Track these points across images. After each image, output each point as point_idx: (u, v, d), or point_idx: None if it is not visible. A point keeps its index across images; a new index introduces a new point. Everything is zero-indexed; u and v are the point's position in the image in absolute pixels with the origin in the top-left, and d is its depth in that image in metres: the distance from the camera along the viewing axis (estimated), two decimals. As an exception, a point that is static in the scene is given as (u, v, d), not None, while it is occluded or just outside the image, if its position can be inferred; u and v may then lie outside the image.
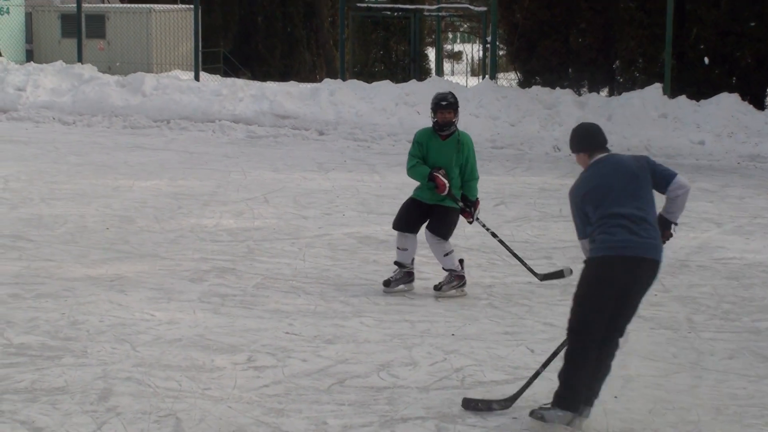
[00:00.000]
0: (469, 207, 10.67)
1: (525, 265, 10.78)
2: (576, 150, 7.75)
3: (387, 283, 10.81)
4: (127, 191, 15.29)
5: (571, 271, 10.80)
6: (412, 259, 10.86)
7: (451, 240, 10.53)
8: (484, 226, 10.91)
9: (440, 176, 10.37)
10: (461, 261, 10.79)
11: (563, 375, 7.09)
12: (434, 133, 10.73)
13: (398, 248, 10.89)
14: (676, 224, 7.63)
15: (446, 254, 10.68)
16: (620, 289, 7.05)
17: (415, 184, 10.70)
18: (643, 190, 7.21)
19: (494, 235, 10.97)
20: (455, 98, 10.77)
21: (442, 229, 10.63)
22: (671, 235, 7.64)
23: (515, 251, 10.90)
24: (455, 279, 10.72)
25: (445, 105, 10.63)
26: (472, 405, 7.57)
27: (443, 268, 10.76)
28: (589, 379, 7.07)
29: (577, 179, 7.54)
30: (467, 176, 10.73)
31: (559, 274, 10.91)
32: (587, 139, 7.76)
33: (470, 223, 10.85)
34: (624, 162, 7.51)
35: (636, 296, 7.11)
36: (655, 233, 7.12)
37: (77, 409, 7.36)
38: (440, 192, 10.40)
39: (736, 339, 9.24)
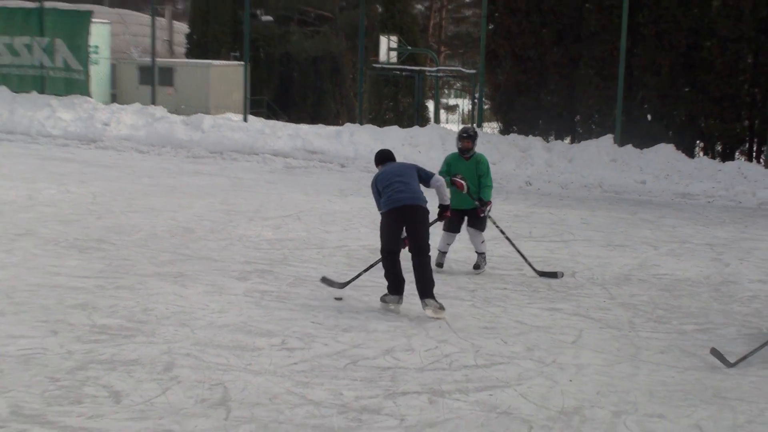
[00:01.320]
0: (483, 204, 11.83)
1: (525, 260, 11.92)
2: (377, 163, 10.70)
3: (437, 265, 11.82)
4: (189, 207, 15.36)
5: (562, 275, 11.66)
6: (446, 251, 12.22)
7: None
8: (494, 223, 12.20)
9: (458, 179, 11.67)
10: (485, 254, 12.15)
11: (387, 277, 9.87)
12: (460, 156, 12.10)
13: (444, 240, 12.17)
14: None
15: (482, 242, 12.10)
16: (402, 224, 9.87)
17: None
18: (406, 176, 10.09)
19: (502, 231, 12.25)
20: (474, 132, 12.36)
21: (479, 226, 12.00)
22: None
23: (518, 251, 12.06)
24: (483, 260, 12.09)
25: (465, 136, 12.11)
26: (326, 282, 10.60)
27: (476, 252, 12.14)
28: (399, 277, 9.82)
29: (375, 175, 10.40)
30: (482, 183, 11.91)
31: (553, 275, 11.64)
32: (381, 158, 10.68)
33: (480, 216, 11.92)
34: (397, 165, 10.45)
35: (419, 227, 9.86)
36: (418, 192, 10.03)
37: (147, 377, 7.43)
38: (460, 189, 11.66)
39: (666, 338, 9.28)
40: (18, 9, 29.42)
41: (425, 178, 10.21)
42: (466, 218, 12.03)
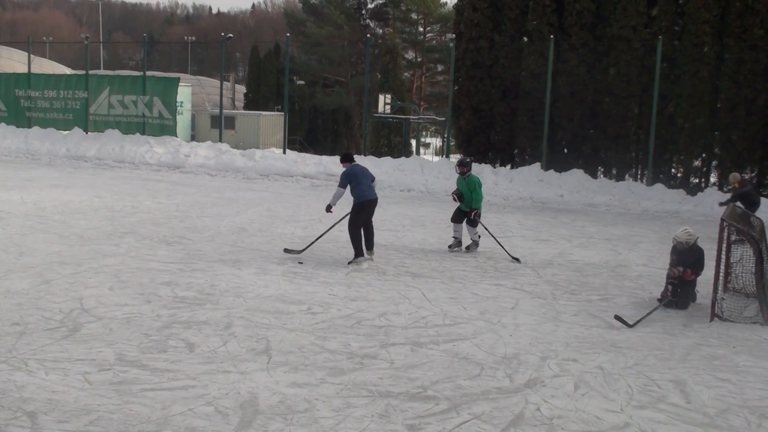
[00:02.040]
0: (471, 211, 12.29)
1: (503, 247, 12.24)
2: (344, 161, 11.30)
3: (450, 247, 12.46)
4: (244, 213, 15.27)
5: (520, 261, 11.74)
6: (460, 238, 12.48)
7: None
8: (477, 219, 12.39)
9: (454, 194, 12.54)
10: (478, 241, 12.50)
11: (356, 245, 10.80)
12: (460, 177, 12.49)
13: (453, 230, 12.54)
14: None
15: (475, 233, 12.43)
16: (367, 213, 11.01)
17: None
18: (369, 179, 11.06)
19: (486, 228, 12.72)
20: (468, 162, 12.60)
21: (472, 223, 12.35)
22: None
23: (493, 242, 12.38)
24: (474, 245, 12.44)
25: (459, 164, 12.54)
26: (290, 252, 11.43)
27: (471, 238, 12.46)
28: (361, 243, 10.85)
29: (347, 170, 11.03)
30: (473, 197, 12.27)
31: (517, 260, 11.85)
32: (348, 157, 11.36)
33: (470, 217, 12.30)
34: (362, 168, 11.11)
35: (373, 211, 11.14)
36: (373, 189, 11.08)
37: (212, 333, 7.37)
38: (456, 201, 12.51)
39: (578, 305, 9.22)
40: (128, 76, 29.67)
41: (372, 179, 11.22)
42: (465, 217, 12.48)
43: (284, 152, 25.18)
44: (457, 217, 12.51)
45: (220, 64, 29.49)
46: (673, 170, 22.69)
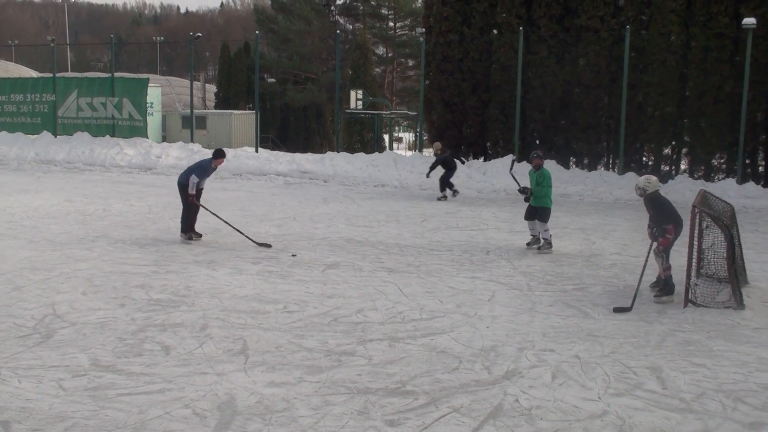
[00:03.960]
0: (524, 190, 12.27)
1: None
2: (217, 157, 12.12)
3: (528, 244, 12.30)
4: (218, 213, 15.17)
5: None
6: (537, 234, 12.17)
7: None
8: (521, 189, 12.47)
9: (525, 192, 12.28)
10: (549, 240, 12.08)
11: (182, 222, 11.96)
12: (531, 170, 12.23)
13: (529, 228, 12.37)
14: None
15: (546, 230, 12.06)
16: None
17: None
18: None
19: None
20: (539, 155, 12.18)
21: (543, 218, 12.00)
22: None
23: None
24: (547, 245, 12.01)
25: (534, 156, 12.18)
26: (261, 244, 11.78)
27: (542, 238, 12.06)
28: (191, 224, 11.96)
29: (200, 165, 12.02)
30: (542, 187, 12.03)
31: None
32: (219, 154, 12.13)
33: (520, 191, 12.42)
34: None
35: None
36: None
37: (188, 335, 7.32)
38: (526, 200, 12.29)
39: (553, 295, 9.26)
40: (96, 78, 29.39)
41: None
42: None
43: (257, 151, 25.04)
44: (529, 215, 12.31)
45: (189, 64, 29.27)
46: (644, 158, 22.87)
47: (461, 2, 23.63)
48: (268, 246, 11.84)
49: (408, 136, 57.25)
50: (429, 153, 26.65)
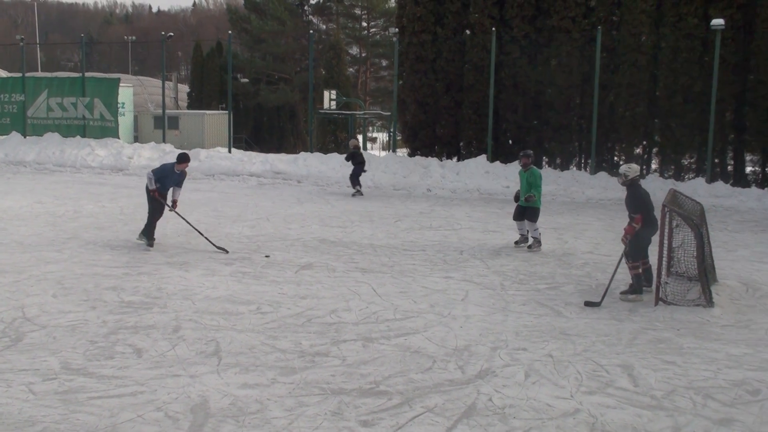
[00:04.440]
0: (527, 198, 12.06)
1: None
2: (180, 162, 11.57)
3: (516, 243, 12.45)
4: (190, 214, 14.97)
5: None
6: (525, 233, 12.32)
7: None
8: (535, 204, 12.17)
9: (517, 193, 12.38)
10: (539, 238, 12.24)
11: (147, 228, 11.64)
12: (521, 170, 12.26)
13: (518, 228, 12.47)
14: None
15: (535, 229, 12.21)
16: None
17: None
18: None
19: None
20: (530, 153, 12.19)
21: (532, 218, 12.12)
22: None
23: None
24: (537, 243, 12.16)
25: (522, 156, 12.22)
26: (219, 248, 11.53)
27: (531, 236, 12.23)
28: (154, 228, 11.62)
29: (161, 167, 11.72)
30: (532, 188, 12.02)
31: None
32: (182, 158, 11.64)
33: (526, 200, 12.08)
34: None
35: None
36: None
37: (161, 337, 7.26)
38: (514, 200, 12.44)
39: (526, 294, 9.31)
40: (67, 78, 28.98)
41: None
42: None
43: (230, 151, 24.92)
44: (518, 215, 12.42)
45: (161, 64, 29.04)
46: (615, 158, 23.08)
47: (434, 2, 23.69)
48: (225, 251, 11.54)
49: (382, 137, 57.27)
50: (403, 153, 26.72)
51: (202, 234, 12.19)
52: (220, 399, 5.79)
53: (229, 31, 30.52)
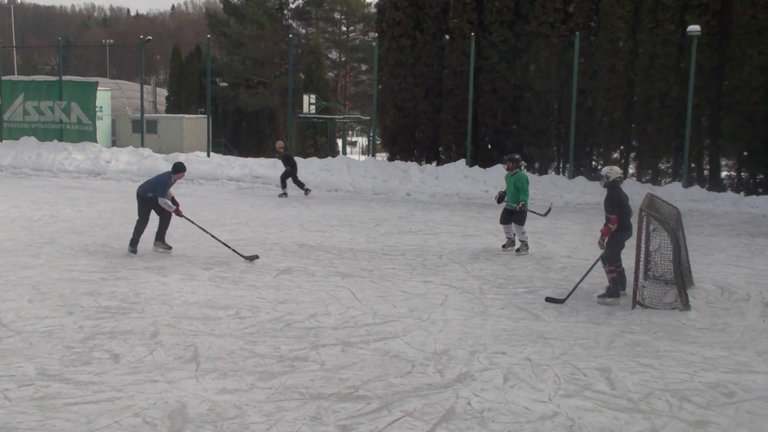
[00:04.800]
0: (517, 204, 12.09)
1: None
2: (176, 171, 11.49)
3: (504, 246, 12.55)
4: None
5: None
6: (512, 237, 12.44)
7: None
8: (526, 209, 12.25)
9: (498, 195, 12.55)
10: (526, 241, 12.39)
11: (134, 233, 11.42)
12: (507, 174, 12.41)
13: (505, 232, 12.52)
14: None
15: (522, 232, 12.29)
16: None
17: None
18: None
19: (535, 212, 13.21)
20: (516, 158, 12.38)
21: (520, 221, 12.19)
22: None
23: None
24: (524, 246, 12.30)
25: (507, 160, 12.43)
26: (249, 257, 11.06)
27: (519, 240, 12.33)
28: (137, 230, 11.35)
29: (160, 181, 11.43)
30: (519, 193, 12.13)
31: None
32: (179, 168, 11.54)
33: (519, 210, 12.09)
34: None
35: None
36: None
37: (138, 342, 7.21)
38: (498, 203, 12.63)
39: (505, 298, 9.35)
40: (44, 81, 28.66)
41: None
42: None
43: (208, 155, 24.82)
44: (505, 219, 12.50)
45: (140, 67, 28.88)
46: (593, 163, 23.25)
47: (413, 7, 23.76)
48: (256, 257, 11.32)
49: (361, 141, 57.31)
50: (382, 157, 26.75)
51: (228, 245, 11.67)
52: (198, 404, 5.76)
53: (208, 35, 30.41)
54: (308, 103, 35.64)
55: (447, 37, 23.09)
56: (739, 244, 13.97)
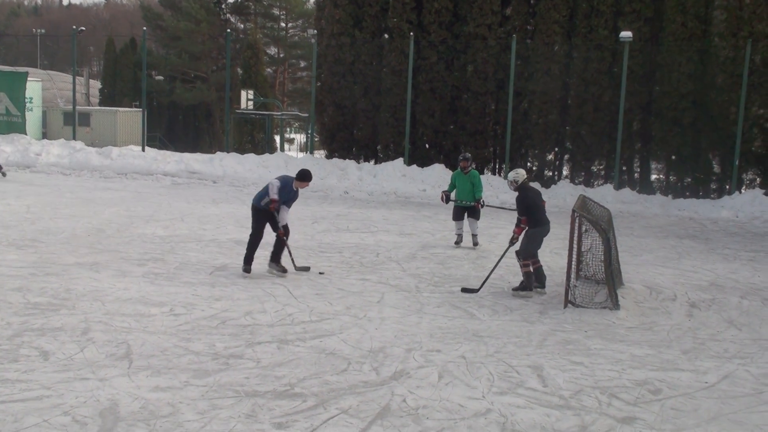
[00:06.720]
0: (477, 201, 12.67)
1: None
2: (302, 180, 10.14)
3: (456, 243, 12.97)
4: (101, 214, 14.66)
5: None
6: (463, 233, 13.01)
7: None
8: (486, 205, 12.99)
9: (443, 195, 12.99)
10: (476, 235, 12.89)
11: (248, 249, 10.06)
12: (460, 172, 12.83)
13: (456, 228, 13.01)
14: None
15: (477, 227, 12.91)
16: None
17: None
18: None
19: (500, 207, 14.74)
20: (468, 157, 12.93)
21: (477, 217, 12.85)
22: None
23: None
24: (477, 242, 12.89)
25: (462, 159, 12.83)
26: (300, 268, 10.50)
27: (473, 234, 12.89)
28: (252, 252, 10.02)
29: (285, 182, 10.12)
30: (475, 190, 12.70)
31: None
32: (305, 176, 10.15)
33: (480, 207, 12.74)
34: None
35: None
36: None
37: (69, 339, 7.05)
38: (444, 201, 13.05)
39: (441, 297, 9.43)
40: (-30, 70, 27.90)
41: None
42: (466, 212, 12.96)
43: (143, 150, 24.41)
44: (458, 215, 12.97)
45: (72, 58, 28.18)
46: (528, 164, 23.63)
47: (353, 5, 23.77)
48: (307, 269, 10.54)
49: (299, 138, 57.09)
50: (320, 155, 26.68)
51: (292, 258, 10.64)
52: (130, 402, 5.67)
53: (144, 28, 29.86)
54: (246, 98, 35.33)
55: (386, 36, 23.17)
56: (667, 245, 14.38)
